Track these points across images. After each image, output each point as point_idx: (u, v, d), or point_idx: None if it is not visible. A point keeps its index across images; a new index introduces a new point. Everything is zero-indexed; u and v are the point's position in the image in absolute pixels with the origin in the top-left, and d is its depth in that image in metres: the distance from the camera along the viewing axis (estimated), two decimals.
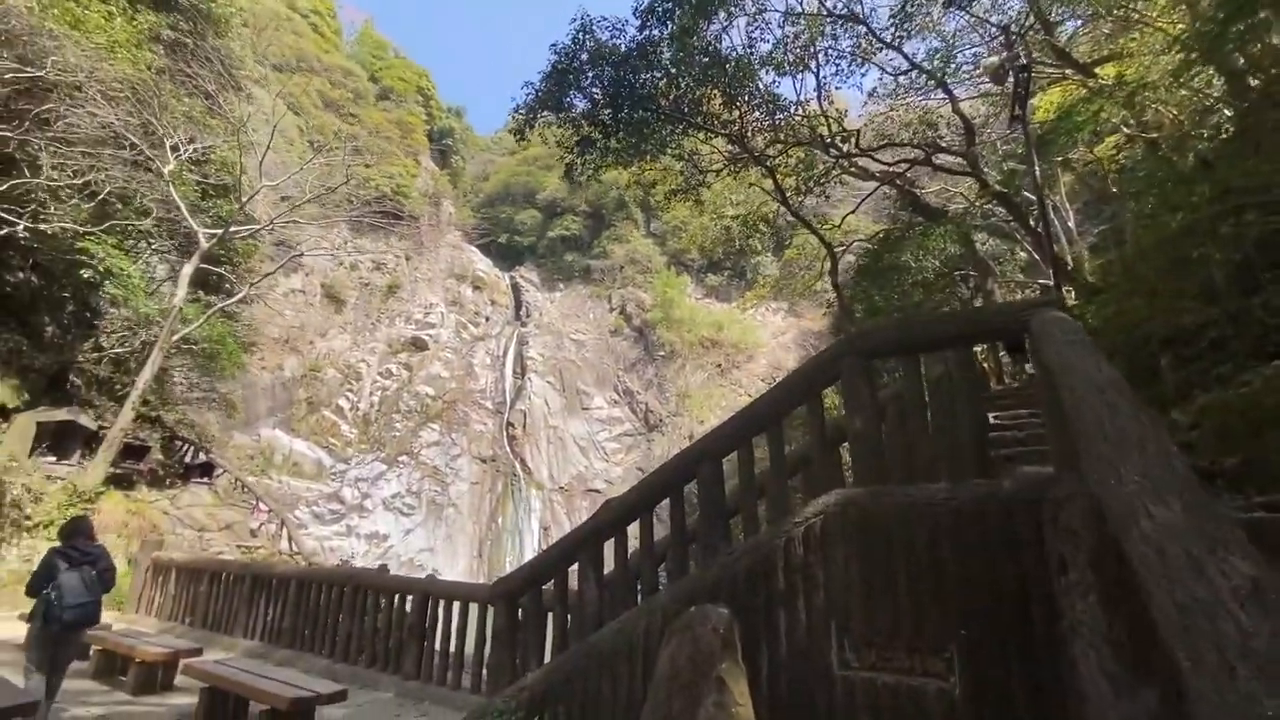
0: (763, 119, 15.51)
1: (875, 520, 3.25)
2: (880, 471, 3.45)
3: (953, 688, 2.92)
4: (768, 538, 3.52)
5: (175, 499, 16.80)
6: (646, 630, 3.72)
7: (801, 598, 3.33)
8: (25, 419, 14.06)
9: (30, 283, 16.39)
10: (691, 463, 4.05)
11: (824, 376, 3.77)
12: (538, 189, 66.95)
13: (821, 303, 48.68)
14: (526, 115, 12.42)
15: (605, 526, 4.29)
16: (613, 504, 4.31)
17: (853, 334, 3.79)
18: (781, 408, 3.92)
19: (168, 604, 10.62)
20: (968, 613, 2.94)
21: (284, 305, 43.64)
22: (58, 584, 5.64)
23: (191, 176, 16.97)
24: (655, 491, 4.20)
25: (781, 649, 3.33)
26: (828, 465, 3.75)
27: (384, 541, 37.58)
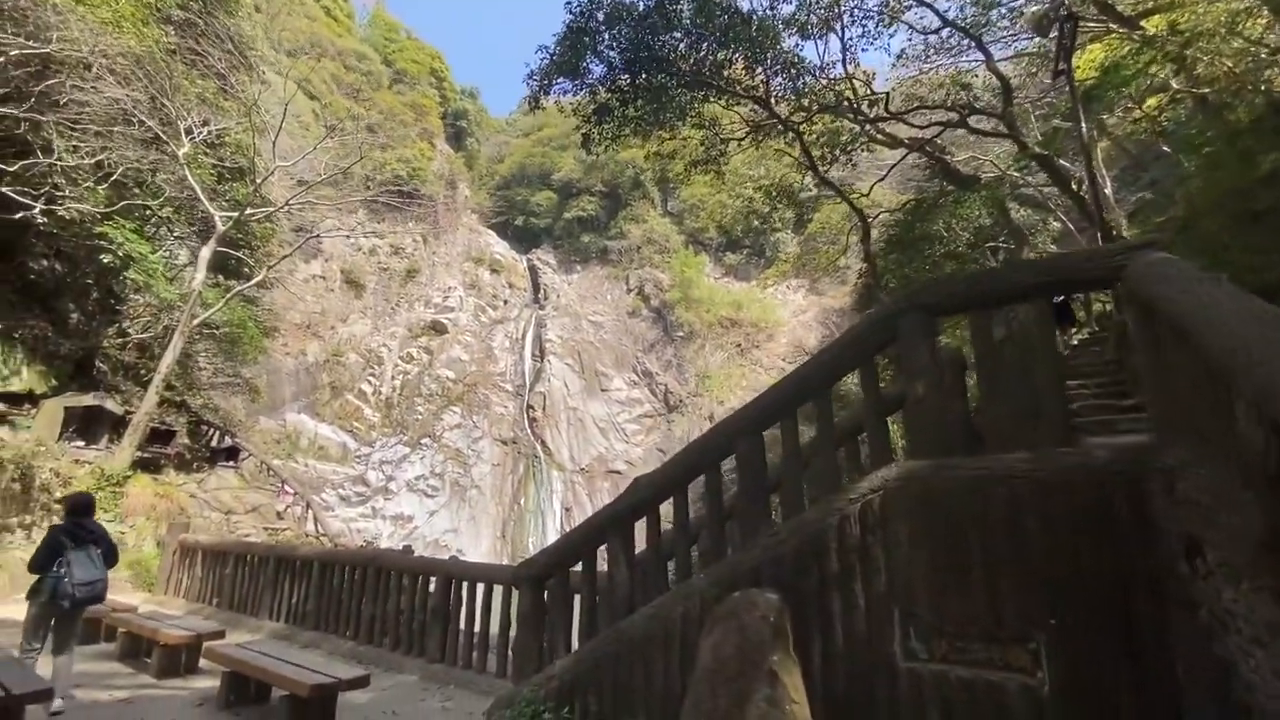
0: (785, 84, 14.85)
1: (943, 495, 2.88)
2: (945, 442, 3.07)
3: (1040, 684, 2.57)
4: (818, 516, 3.17)
5: (202, 482, 16.96)
6: (684, 616, 3.42)
7: (859, 582, 2.99)
8: (53, 404, 14.19)
9: (54, 270, 16.49)
10: (729, 437, 3.71)
11: (878, 338, 3.38)
12: (553, 170, 66.34)
13: (844, 279, 47.76)
14: (541, 82, 11.94)
15: (635, 506, 3.99)
16: (642, 482, 4.00)
17: (913, 289, 3.39)
18: (829, 374, 3.54)
19: (195, 585, 10.65)
20: (1057, 598, 2.58)
21: (305, 291, 43.98)
22: (66, 561, 5.53)
23: (207, 160, 16.84)
24: (689, 468, 3.87)
25: (837, 638, 3.00)
26: (881, 437, 3.38)
27: (409, 523, 38.06)
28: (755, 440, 3.64)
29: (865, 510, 3.04)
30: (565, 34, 11.05)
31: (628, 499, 4.01)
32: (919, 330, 3.26)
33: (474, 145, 76.62)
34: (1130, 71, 12.75)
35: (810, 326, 51.69)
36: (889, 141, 16.95)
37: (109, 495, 13.02)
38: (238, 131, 17.44)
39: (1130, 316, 2.71)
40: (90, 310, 17.13)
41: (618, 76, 11.73)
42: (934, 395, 3.15)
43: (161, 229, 17.98)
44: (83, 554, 5.68)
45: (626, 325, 55.13)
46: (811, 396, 3.55)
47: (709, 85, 12.44)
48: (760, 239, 59.19)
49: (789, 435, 3.58)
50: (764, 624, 2.83)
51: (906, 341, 3.27)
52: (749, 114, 14.75)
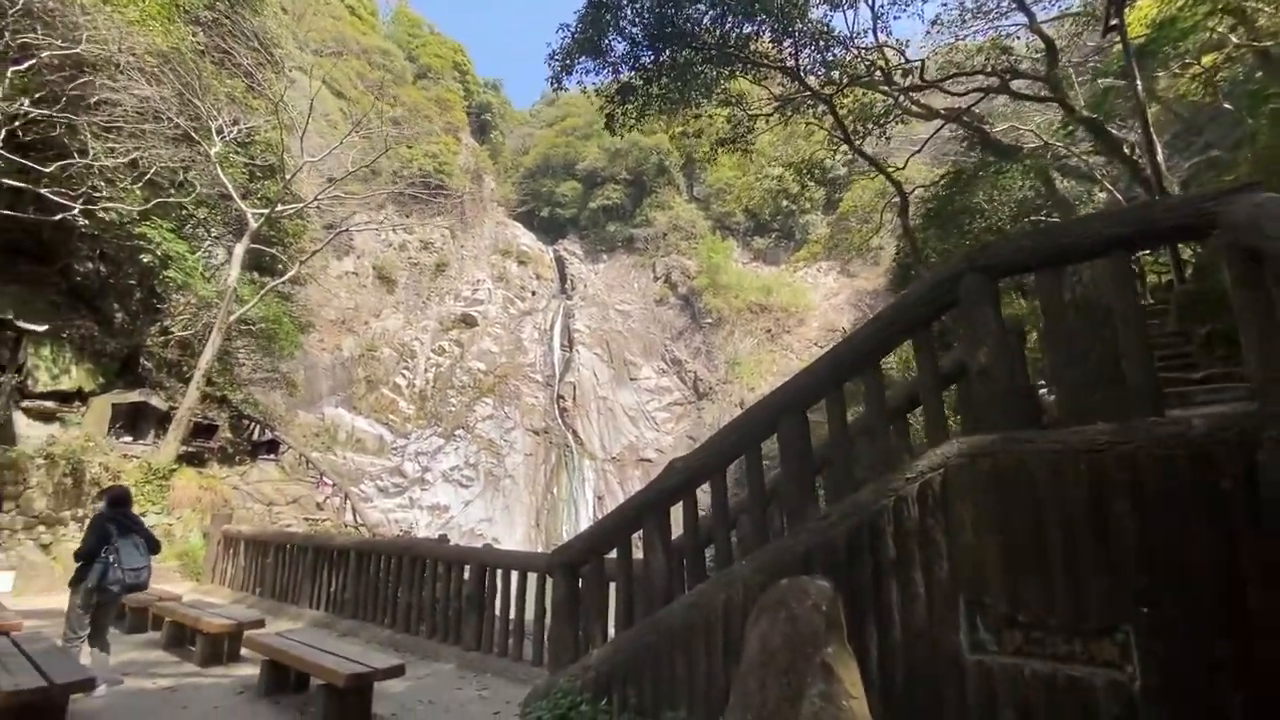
0: (814, 56, 14.32)
1: (1015, 473, 2.61)
2: (1015, 415, 2.79)
3: (1130, 679, 2.30)
4: (872, 498, 2.93)
5: (244, 475, 17.37)
6: (726, 605, 3.22)
7: (919, 568, 2.74)
8: (101, 401, 14.65)
9: (98, 271, 17.01)
10: (770, 416, 3.47)
11: (934, 304, 3.09)
12: (577, 159, 66.11)
13: (876, 260, 46.56)
14: (563, 62, 11.67)
15: (671, 490, 3.79)
16: (678, 465, 3.80)
17: (973, 249, 3.10)
18: (880, 346, 3.28)
19: (239, 575, 10.90)
20: (1150, 586, 2.30)
21: (339, 287, 44.87)
22: (115, 548, 5.64)
23: (239, 159, 17.10)
24: (728, 450, 3.65)
25: (895, 629, 2.76)
26: (937, 412, 3.11)
27: (445, 512, 38.72)
28: (799, 419, 3.40)
29: (924, 491, 2.78)
30: (586, 9, 10.74)
31: (663, 483, 3.81)
32: (981, 293, 2.96)
33: (498, 138, 76.90)
34: (1187, 25, 11.92)
35: (842, 309, 50.65)
36: (924, 113, 16.25)
37: (155, 488, 13.41)
38: (267, 130, 17.65)
39: (1232, 271, 2.39)
40: (134, 310, 17.64)
41: (641, 54, 11.41)
42: (1001, 364, 2.86)
43: (199, 230, 18.37)
44: (129, 542, 5.79)
45: (654, 313, 54.87)
46: (860, 371, 3.29)
47: (735, 60, 12.01)
48: (789, 221, 58.14)
49: (836, 412, 3.33)
50: (816, 613, 2.60)
51: (967, 306, 2.99)
52: (777, 89, 14.26)
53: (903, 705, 2.71)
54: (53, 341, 14.17)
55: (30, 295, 14.28)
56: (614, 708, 3.57)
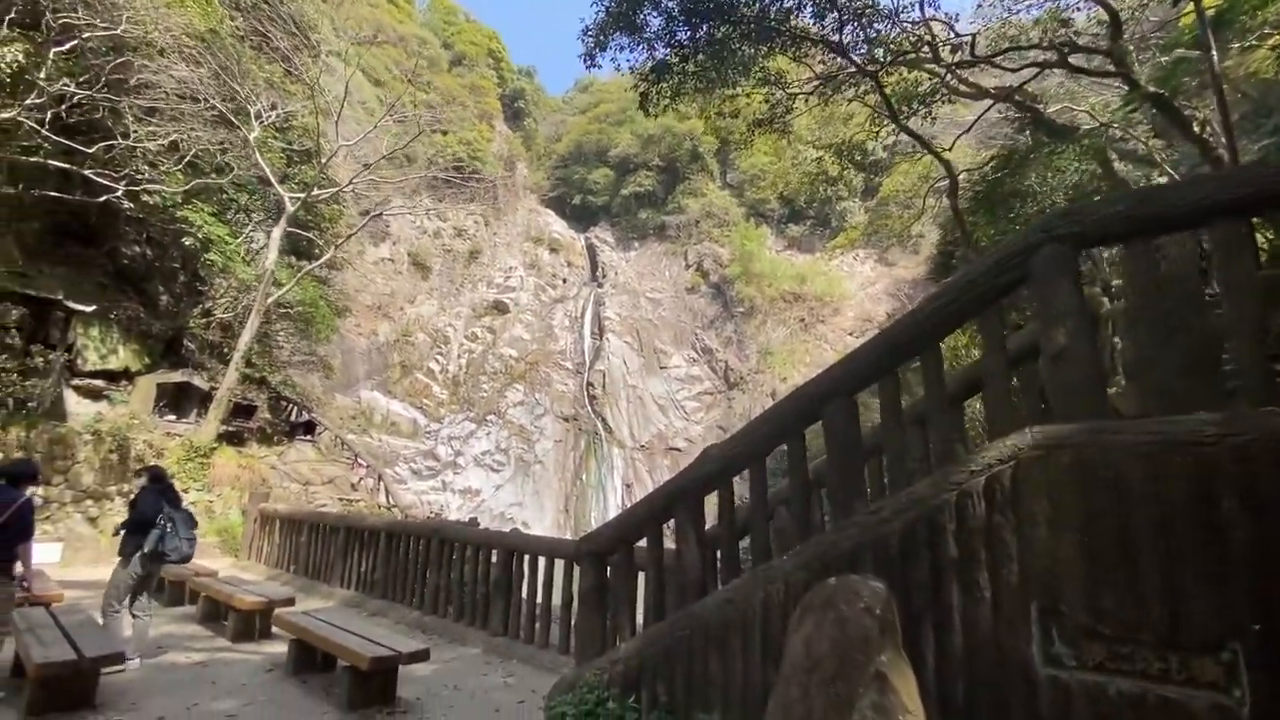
0: (856, 33, 13.71)
1: (1101, 467, 2.30)
2: (1098, 402, 2.48)
3: (1238, 705, 2.00)
4: (931, 492, 2.65)
5: (282, 454, 17.77)
6: (765, 602, 2.99)
7: (984, 570, 2.46)
8: (146, 381, 15.10)
9: (144, 255, 17.50)
10: (816, 400, 3.20)
11: (1005, 278, 2.78)
12: (610, 146, 65.72)
13: (916, 249, 45.12)
14: (596, 38, 11.37)
15: (706, 478, 3.56)
16: (714, 452, 3.57)
17: (1051, 214, 2.77)
18: (941, 325, 2.97)
19: (274, 552, 11.10)
20: (1265, 597, 1.99)
21: (375, 273, 45.67)
22: (171, 518, 5.72)
23: (276, 144, 17.33)
24: (768, 437, 3.40)
25: (955, 637, 2.50)
26: (1003, 398, 2.80)
27: (476, 496, 39.30)
28: (848, 404, 3.12)
29: (992, 485, 2.49)
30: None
31: (697, 470, 3.59)
32: (1059, 266, 2.64)
33: (531, 125, 76.97)
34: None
35: (880, 299, 49.45)
36: (973, 92, 15.45)
37: (197, 466, 13.78)
38: (304, 115, 17.84)
39: None
40: (178, 292, 18.13)
41: (677, 29, 11.02)
42: (1083, 345, 2.54)
43: (239, 215, 18.71)
44: (181, 512, 5.88)
45: (685, 302, 54.43)
46: (918, 353, 3.00)
47: (775, 36, 11.53)
48: (825, 208, 56.82)
49: (889, 398, 3.05)
50: (868, 616, 2.36)
51: (1043, 281, 2.67)
52: (819, 67, 13.71)
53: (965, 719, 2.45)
54: (101, 322, 14.62)
55: (79, 277, 14.74)
56: (642, 705, 3.39)
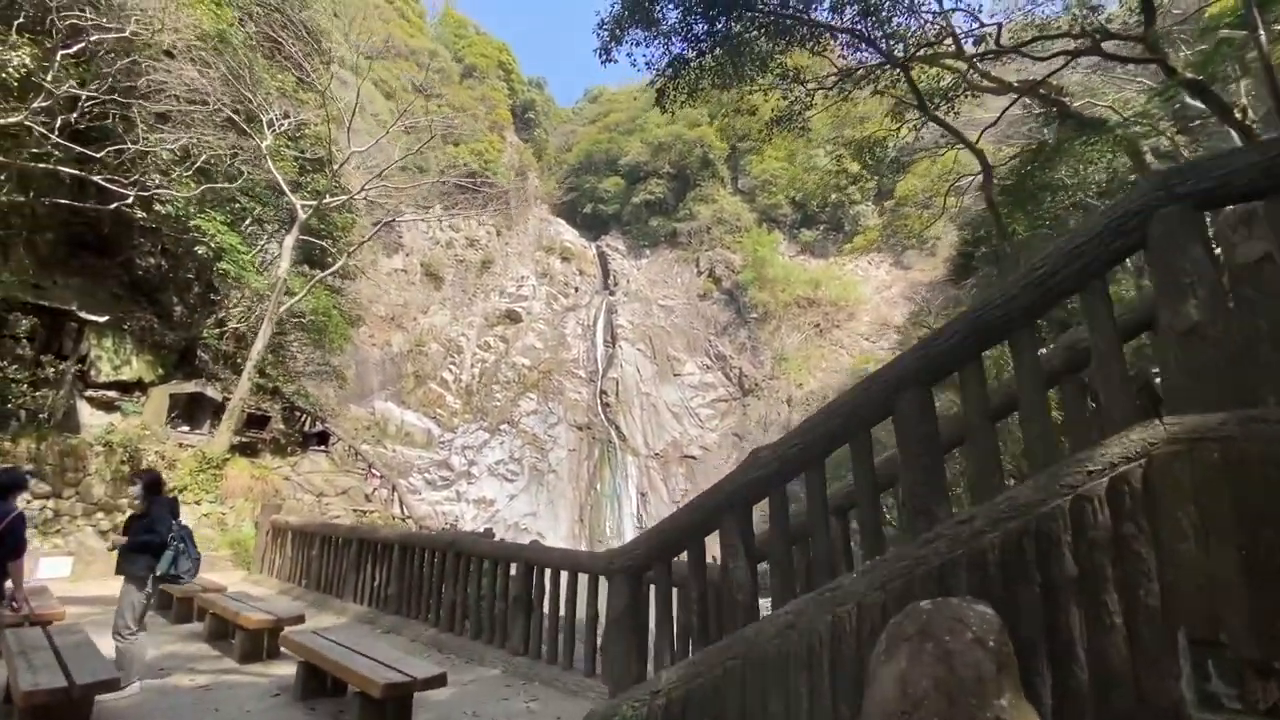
0: (874, 27, 13.34)
1: (1261, 464, 1.88)
2: (1245, 385, 2.06)
3: None
4: (1037, 496, 2.24)
5: (295, 465, 17.56)
6: (833, 629, 2.58)
7: (1113, 591, 2.04)
8: (159, 392, 14.96)
9: (159, 266, 17.44)
10: (886, 392, 2.80)
11: (1116, 244, 2.37)
12: (620, 154, 65.80)
13: (932, 251, 44.39)
14: (612, 31, 11.07)
15: (756, 483, 3.17)
16: (764, 454, 3.17)
17: (1170, 171, 2.36)
18: (1038, 302, 2.55)
19: (286, 566, 10.79)
20: None
21: (389, 284, 45.81)
22: (182, 536, 5.45)
23: (289, 152, 17.25)
24: (828, 435, 2.99)
25: (1080, 674, 2.07)
26: (1120, 382, 2.38)
27: (490, 506, 39.02)
28: (922, 395, 2.72)
29: (1118, 487, 2.08)
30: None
31: (746, 475, 3.19)
32: (1184, 230, 2.24)
33: (542, 135, 77.31)
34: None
35: (896, 303, 48.74)
36: (996, 86, 15.02)
37: (209, 477, 13.56)
38: (316, 124, 17.76)
39: None
40: (192, 303, 18.05)
41: (694, 23, 10.74)
42: (1219, 320, 2.13)
43: (253, 227, 18.63)
44: (185, 529, 5.58)
45: (698, 308, 54.04)
46: (1009, 334, 2.59)
47: (796, 23, 11.17)
48: (839, 212, 56.32)
49: (974, 388, 2.64)
50: (980, 650, 1.95)
51: (1164, 247, 2.26)
52: (839, 62, 13.35)
53: None
54: (114, 333, 14.51)
55: (93, 287, 14.67)
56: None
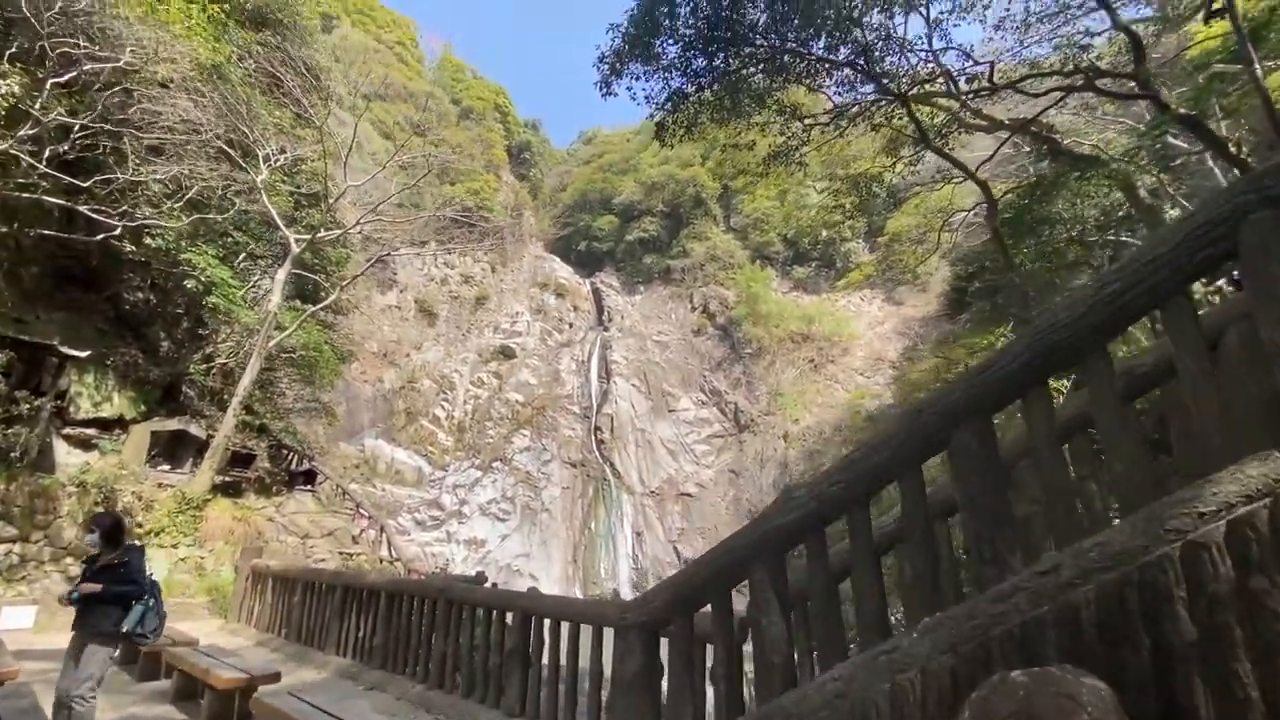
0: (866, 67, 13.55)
1: None
2: None
3: None
4: (1135, 543, 1.92)
5: (280, 506, 16.91)
6: (895, 700, 2.20)
7: (1242, 657, 1.71)
8: (141, 429, 14.44)
9: (148, 301, 17.10)
10: (939, 424, 2.48)
11: (1203, 254, 2.11)
12: (614, 194, 66.97)
13: (924, 287, 44.76)
14: (612, 65, 11.10)
15: (790, 528, 2.81)
16: (799, 494, 2.83)
17: (1262, 172, 2.12)
18: (1110, 321, 2.26)
19: (265, 613, 10.17)
20: None
21: (382, 320, 45.59)
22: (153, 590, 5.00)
23: (284, 187, 17.16)
24: (874, 472, 2.65)
25: None
26: (1213, 409, 2.09)
27: (481, 547, 37.94)
28: (982, 426, 2.41)
29: (1238, 532, 1.76)
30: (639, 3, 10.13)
31: (779, 518, 2.83)
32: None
33: (537, 175, 78.63)
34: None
35: (889, 338, 48.92)
36: (988, 124, 15.23)
37: (188, 519, 12.96)
38: (313, 159, 17.75)
39: None
40: (180, 338, 17.65)
41: (693, 58, 10.80)
42: None
43: (245, 263, 18.41)
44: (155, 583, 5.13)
45: (692, 344, 54.01)
46: (1079, 358, 2.30)
47: (794, 59, 11.27)
48: (830, 249, 57.18)
49: (1040, 419, 2.34)
50: None
51: (1259, 255, 2.00)
52: (836, 98, 13.49)
53: None
54: (96, 368, 14.07)
55: (78, 322, 14.29)
56: None
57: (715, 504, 43.17)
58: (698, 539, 41.33)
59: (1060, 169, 14.03)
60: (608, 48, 11.02)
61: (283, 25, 16.90)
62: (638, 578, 39.86)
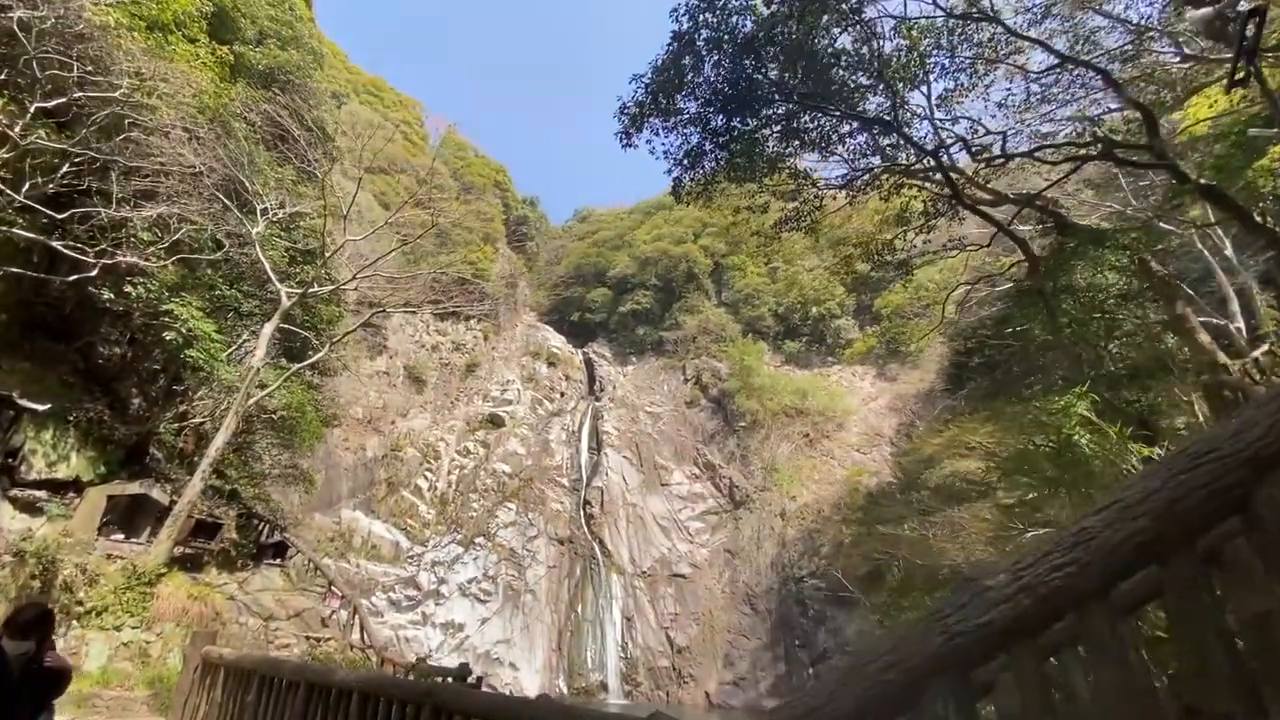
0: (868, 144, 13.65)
1: None
2: None
3: None
4: None
5: (245, 583, 15.30)
6: None
7: None
8: (96, 492, 13.11)
9: (124, 355, 16.12)
10: (1243, 472, 1.64)
11: None
12: (608, 267, 68.19)
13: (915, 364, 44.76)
14: (634, 116, 10.88)
15: (984, 634, 1.90)
16: (993, 593, 1.93)
17: None
18: None
19: (213, 714, 8.61)
20: None
21: (369, 386, 44.43)
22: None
23: (281, 242, 16.68)
24: (1125, 545, 1.75)
25: None
26: None
27: (459, 631, 35.22)
28: None
29: None
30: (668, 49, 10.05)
31: (965, 617, 1.94)
32: None
33: (533, 248, 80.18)
34: None
35: (883, 414, 48.45)
36: (993, 199, 15.27)
37: (137, 596, 11.44)
38: (312, 216, 17.40)
39: None
40: (154, 396, 16.54)
41: (712, 116, 10.68)
42: None
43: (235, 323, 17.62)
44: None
45: (685, 416, 53.12)
46: None
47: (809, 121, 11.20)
48: (820, 325, 57.75)
49: None
50: None
51: None
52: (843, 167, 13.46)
53: None
54: (56, 423, 12.92)
55: (41, 373, 13.25)
56: None
57: (710, 586, 40.80)
58: (692, 625, 38.70)
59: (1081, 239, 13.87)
60: (629, 98, 10.89)
61: (293, 85, 16.99)
62: (627, 668, 36.92)
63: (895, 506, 29.30)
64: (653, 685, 36.81)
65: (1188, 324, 14.45)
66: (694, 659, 37.64)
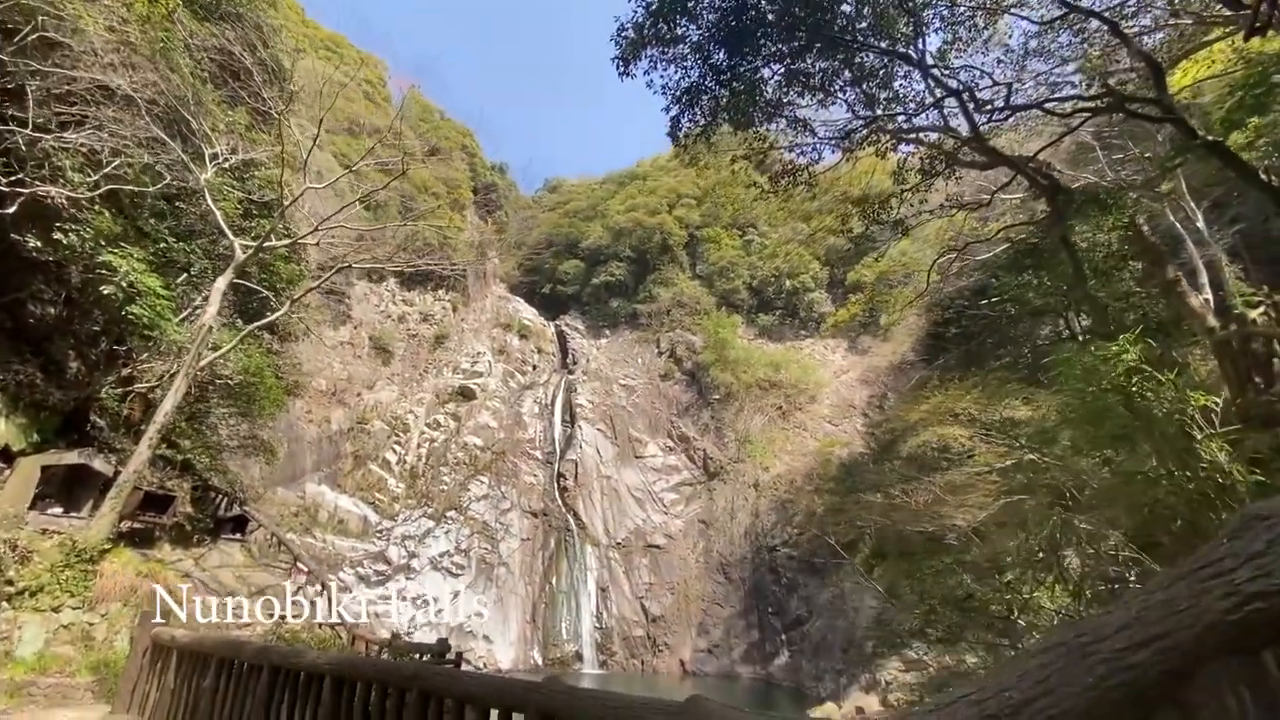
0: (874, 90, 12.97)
1: None
2: None
3: None
4: None
5: (201, 559, 14.28)
6: None
7: None
8: (29, 462, 11.88)
9: (60, 315, 14.66)
10: None
11: None
12: (580, 238, 66.74)
13: (886, 337, 44.95)
14: (632, 40, 9.93)
15: None
16: None
17: None
18: None
19: (165, 701, 7.80)
20: None
21: (332, 357, 42.63)
22: None
23: (234, 193, 15.26)
24: None
25: None
26: None
27: (432, 605, 34.47)
28: None
29: None
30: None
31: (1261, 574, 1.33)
32: None
33: (503, 218, 77.89)
34: None
35: (854, 386, 48.74)
36: (988, 160, 14.82)
37: (77, 575, 10.39)
38: (268, 165, 15.98)
39: None
40: (94, 359, 15.13)
41: (713, 50, 9.84)
42: None
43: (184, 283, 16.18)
44: None
45: (659, 388, 52.71)
46: None
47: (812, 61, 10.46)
48: (793, 299, 57.69)
49: None
50: None
51: None
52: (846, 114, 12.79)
53: None
54: None
55: None
56: None
57: (685, 556, 40.87)
58: (666, 595, 38.79)
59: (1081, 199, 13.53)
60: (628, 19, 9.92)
61: (241, 19, 15.38)
62: (602, 638, 36.85)
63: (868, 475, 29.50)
64: (628, 654, 36.89)
65: (1179, 287, 14.37)
66: (669, 628, 37.79)
